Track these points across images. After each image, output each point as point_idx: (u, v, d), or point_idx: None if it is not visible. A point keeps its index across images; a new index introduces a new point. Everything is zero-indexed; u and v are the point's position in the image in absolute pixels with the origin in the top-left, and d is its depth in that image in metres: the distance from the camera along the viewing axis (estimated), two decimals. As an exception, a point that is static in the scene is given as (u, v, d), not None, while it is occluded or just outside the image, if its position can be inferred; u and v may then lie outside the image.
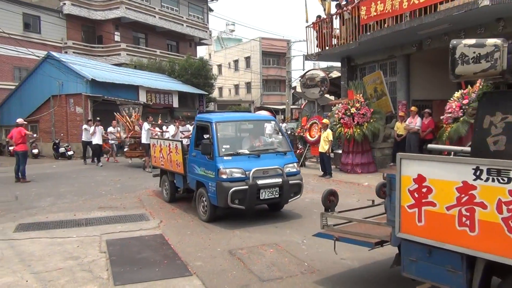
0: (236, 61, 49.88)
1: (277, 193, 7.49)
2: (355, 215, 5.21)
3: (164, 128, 17.34)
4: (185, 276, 5.18)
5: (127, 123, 17.16)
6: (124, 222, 7.87)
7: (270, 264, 5.51)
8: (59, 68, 23.54)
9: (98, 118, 18.31)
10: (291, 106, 36.62)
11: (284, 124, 23.42)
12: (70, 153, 22.22)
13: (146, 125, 15.45)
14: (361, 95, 13.98)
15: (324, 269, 5.28)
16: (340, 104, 14.39)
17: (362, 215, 5.23)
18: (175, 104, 28.54)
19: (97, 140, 17.81)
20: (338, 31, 16.02)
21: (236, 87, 50.08)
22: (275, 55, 47.54)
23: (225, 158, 7.40)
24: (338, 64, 19.23)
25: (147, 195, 10.69)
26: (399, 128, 13.55)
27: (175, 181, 9.53)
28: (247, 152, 7.69)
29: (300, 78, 20.01)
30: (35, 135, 20.31)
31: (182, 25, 38.42)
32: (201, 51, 51.19)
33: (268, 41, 44.37)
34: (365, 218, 4.99)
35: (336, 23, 16.13)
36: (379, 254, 5.72)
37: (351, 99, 14.00)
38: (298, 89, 23.24)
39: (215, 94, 42.52)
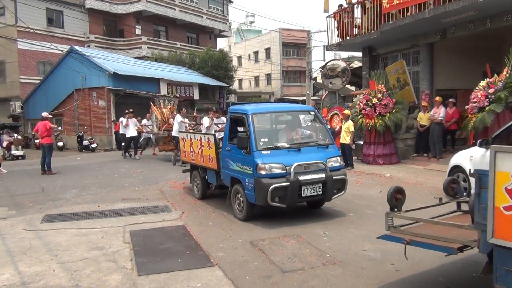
0: (256, 53, 49.73)
1: (320, 189, 7.00)
2: (419, 215, 4.62)
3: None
4: (207, 266, 5.22)
5: (162, 115, 16.50)
6: (147, 214, 7.98)
7: (291, 255, 5.51)
8: (82, 62, 23.92)
9: (130, 110, 17.61)
10: (312, 97, 36.37)
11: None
12: (93, 145, 22.64)
13: (178, 117, 14.78)
14: (383, 85, 13.79)
15: (346, 261, 5.26)
16: (362, 95, 14.23)
17: (426, 215, 4.71)
18: (196, 96, 28.71)
19: (130, 132, 16.98)
20: (359, 20, 15.80)
21: (256, 78, 49.98)
22: (295, 46, 47.19)
23: (263, 152, 6.94)
24: (360, 54, 18.99)
25: (168, 186, 10.80)
26: (422, 118, 13.33)
27: (207, 177, 9.00)
28: (286, 145, 7.22)
29: (320, 69, 19.85)
30: (60, 128, 20.66)
31: (202, 17, 38.47)
32: (221, 43, 51.23)
33: (288, 32, 44.03)
34: (433, 218, 4.52)
35: (357, 12, 15.92)
36: (401, 246, 5.67)
37: (372, 89, 13.82)
38: (319, 80, 23.04)
39: (235, 86, 42.54)
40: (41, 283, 4.80)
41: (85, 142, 22.83)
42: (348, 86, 20.27)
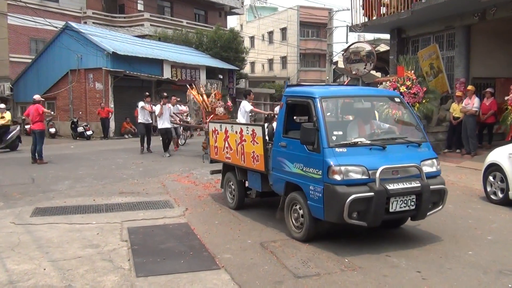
0: (270, 33, 49.56)
1: (413, 203, 5.78)
2: None
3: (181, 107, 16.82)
4: (212, 269, 5.24)
5: (204, 103, 14.10)
6: (147, 209, 8.02)
7: (306, 259, 5.50)
8: (78, 40, 24.06)
9: (165, 94, 15.99)
10: (332, 84, 36.21)
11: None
12: (89, 133, 22.82)
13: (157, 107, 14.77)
14: (412, 71, 13.66)
15: (367, 267, 5.24)
16: (388, 82, 14.11)
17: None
18: (203, 80, 28.71)
19: (165, 123, 14.89)
20: (388, -2, 15.63)
21: (270, 62, 49.87)
22: (315, 26, 46.94)
23: (337, 150, 5.73)
24: (387, 36, 18.80)
25: (171, 180, 10.84)
26: (456, 110, 13.19)
27: (247, 180, 7.93)
28: (367, 141, 6.06)
29: (343, 52, 19.69)
30: (52, 113, 20.82)
31: (212, -8, 38.42)
32: (232, 22, 51.12)
33: (307, 10, 43.79)
34: None
35: (386, -11, 15.73)
36: (427, 251, 5.63)
37: (400, 76, 13.69)
38: (340, 65, 22.93)
39: (247, 69, 42.51)
40: (31, 283, 4.85)
41: (80, 129, 23.03)
42: (373, 72, 20.11)
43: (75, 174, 11.63)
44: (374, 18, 16.09)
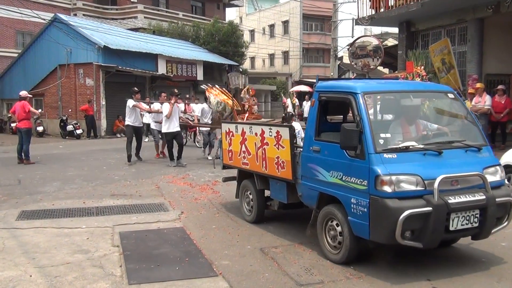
0: (271, 26, 49.56)
1: (476, 219, 5.15)
2: None
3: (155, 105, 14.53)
4: (209, 276, 5.23)
5: (234, 101, 12.51)
6: (140, 213, 8.01)
7: (309, 266, 5.50)
8: (68, 33, 24.03)
9: (176, 91, 13.81)
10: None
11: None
12: (79, 131, 22.80)
13: (131, 102, 13.40)
14: (422, 67, 13.67)
15: (374, 274, 5.23)
16: (397, 79, 14.12)
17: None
18: (200, 76, 28.74)
19: (173, 125, 12.80)
20: (396, -11, 15.64)
21: (271, 57, 49.87)
22: (319, 19, 46.94)
23: (385, 156, 5.11)
24: (395, 30, 18.84)
25: (166, 181, 10.83)
26: (468, 107, 13.18)
27: (270, 190, 7.23)
28: (420, 146, 5.38)
29: (348, 47, 19.69)
30: (40, 110, 20.67)
31: (209, -18, 38.45)
32: (231, 14, 51.14)
33: (311, 1, 43.75)
34: None
35: (395, -21, 15.75)
36: (438, 258, 5.62)
37: (410, 72, 13.69)
38: (346, 60, 22.92)
39: (246, 65, 42.54)
40: (16, 290, 4.85)
41: (69, 128, 23.00)
42: (380, 68, 20.12)
43: (64, 175, 11.62)
44: (382, 10, 16.11)
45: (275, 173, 6.70)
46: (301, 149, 6.27)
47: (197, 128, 16.33)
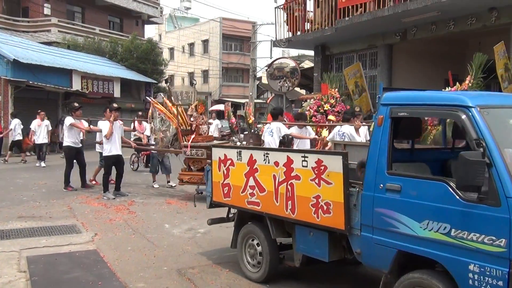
0: (191, 45, 49.69)
1: None
2: None
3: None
4: (123, 300, 5.11)
5: (182, 119, 11.30)
6: (50, 235, 7.69)
7: (225, 286, 5.52)
8: (-27, 45, 22.74)
9: (115, 105, 12.69)
10: (255, 100, 36.79)
11: (217, 122, 18.35)
12: (-17, 150, 21.44)
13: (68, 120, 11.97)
14: (336, 89, 14.20)
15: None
16: (312, 100, 14.56)
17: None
18: (117, 93, 28.23)
19: (115, 148, 11.13)
20: (312, 14, 16.21)
21: (191, 75, 49.86)
22: (238, 40, 47.70)
23: None
24: (311, 53, 19.47)
25: (79, 202, 10.48)
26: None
27: (295, 241, 5.40)
28: None
29: (266, 68, 20.11)
30: None
31: (128, -2, 37.99)
32: (150, 31, 50.84)
33: (230, 22, 44.50)
34: None
35: (310, 4, 16.32)
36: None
37: (325, 94, 14.18)
38: (264, 80, 23.36)
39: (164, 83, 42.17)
40: None
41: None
42: (297, 89, 20.69)
43: (-34, 197, 10.90)
44: (299, 33, 16.60)
45: (311, 219, 4.93)
46: (358, 187, 4.61)
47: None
